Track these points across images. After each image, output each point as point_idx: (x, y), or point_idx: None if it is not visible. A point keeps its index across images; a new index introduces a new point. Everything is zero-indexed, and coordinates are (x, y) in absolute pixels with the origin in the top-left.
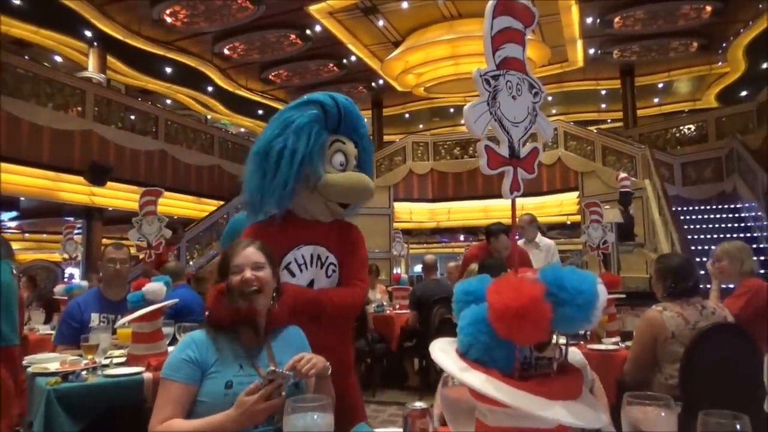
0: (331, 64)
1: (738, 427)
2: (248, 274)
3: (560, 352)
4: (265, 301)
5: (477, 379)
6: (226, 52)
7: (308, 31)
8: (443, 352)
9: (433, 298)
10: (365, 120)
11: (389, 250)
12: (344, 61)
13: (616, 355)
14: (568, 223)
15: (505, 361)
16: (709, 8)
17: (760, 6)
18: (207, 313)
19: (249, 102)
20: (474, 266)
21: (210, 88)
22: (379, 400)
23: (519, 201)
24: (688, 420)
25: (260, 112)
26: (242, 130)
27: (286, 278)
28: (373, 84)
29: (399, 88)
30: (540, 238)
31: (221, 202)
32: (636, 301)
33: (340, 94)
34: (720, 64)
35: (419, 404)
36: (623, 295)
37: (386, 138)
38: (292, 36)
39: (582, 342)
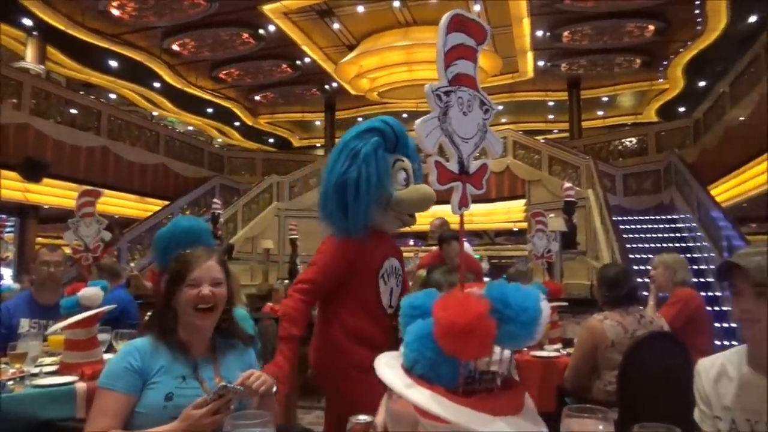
0: (285, 65)
1: None
2: (206, 290)
3: (505, 366)
4: (216, 317)
5: (421, 396)
6: (175, 48)
7: (262, 31)
8: (389, 367)
9: None
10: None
11: None
12: (298, 62)
13: (558, 361)
14: (515, 229)
15: (450, 376)
16: (651, 27)
17: (698, 28)
18: (152, 320)
19: (198, 100)
20: (422, 272)
21: (157, 85)
22: (324, 406)
23: (471, 208)
24: (625, 426)
25: (210, 110)
26: (190, 128)
27: (382, 286)
28: (327, 87)
29: (352, 92)
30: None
31: (166, 202)
32: (578, 308)
33: (389, 118)
34: (660, 80)
35: (363, 417)
36: (565, 303)
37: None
38: (245, 35)
39: (525, 349)
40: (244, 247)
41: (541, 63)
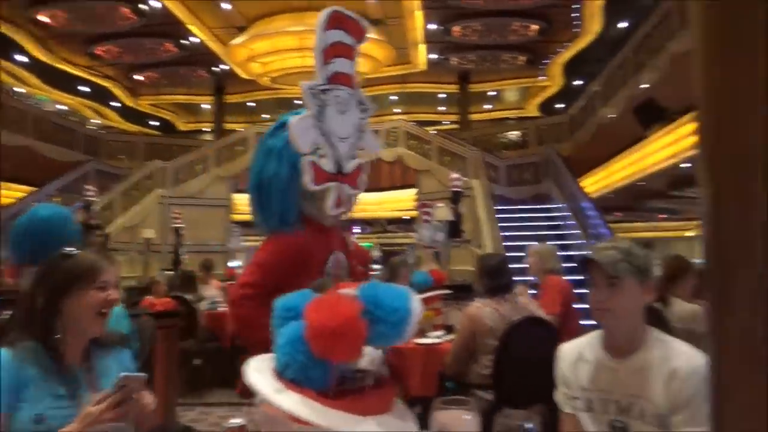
0: (169, 44)
1: (528, 426)
2: (115, 294)
3: (376, 365)
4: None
5: (290, 401)
6: (44, 19)
7: (143, 6)
8: (258, 372)
9: None
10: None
11: (225, 244)
12: (184, 42)
13: (440, 348)
14: (406, 218)
15: (321, 379)
16: (535, 27)
17: (576, 30)
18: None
19: (71, 77)
20: None
21: (22, 58)
22: (207, 401)
23: (360, 196)
24: (500, 406)
25: (85, 89)
26: (62, 107)
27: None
28: (216, 69)
29: (243, 76)
30: None
31: (33, 188)
32: (461, 294)
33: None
34: (542, 78)
35: (235, 421)
36: (449, 291)
37: (228, 126)
38: (125, 9)
39: None
40: (122, 236)
41: (433, 56)
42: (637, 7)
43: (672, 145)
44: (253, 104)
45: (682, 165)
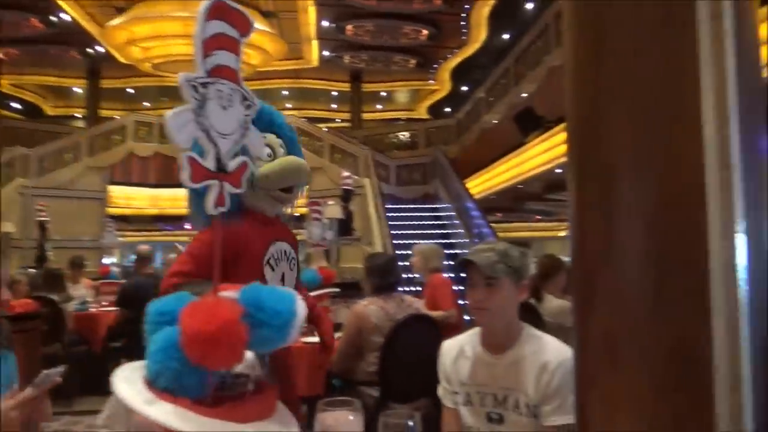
0: (35, 20)
1: (410, 423)
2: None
3: (257, 370)
4: None
5: (162, 412)
6: None
7: None
8: (127, 382)
9: (146, 294)
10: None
11: (99, 239)
12: (53, 18)
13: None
14: (297, 215)
15: (197, 387)
16: (425, 32)
17: (464, 38)
18: None
19: None
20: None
21: None
22: (77, 409)
23: None
24: (386, 402)
25: None
26: None
27: (268, 274)
28: (90, 50)
29: (122, 60)
30: None
31: None
32: (350, 292)
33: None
34: (431, 81)
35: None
36: (337, 290)
37: (104, 113)
38: None
39: None
40: None
41: (325, 53)
42: (519, 21)
43: (547, 151)
44: (133, 91)
45: (557, 170)
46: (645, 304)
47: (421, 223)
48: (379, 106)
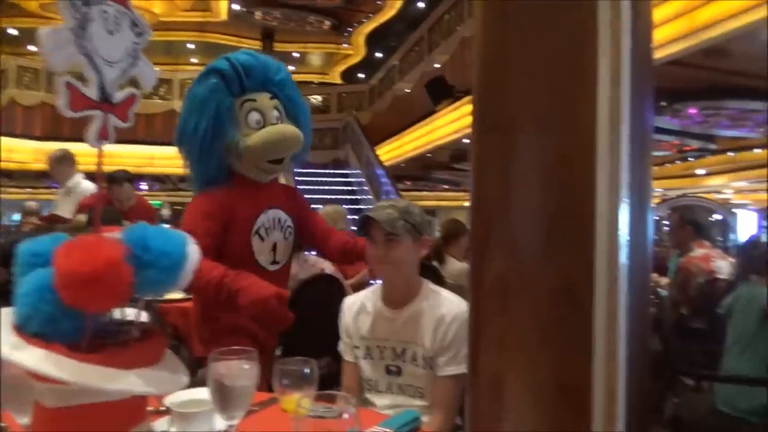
0: None
1: (306, 371)
2: None
3: (142, 316)
4: None
5: (32, 357)
6: None
7: None
8: None
9: None
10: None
11: None
12: None
13: None
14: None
15: (73, 332)
16: None
17: (379, 3)
18: None
19: None
20: (81, 217)
21: None
22: None
23: (150, 150)
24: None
25: None
26: None
27: (256, 244)
28: None
29: None
30: (77, 181)
31: None
32: None
33: (241, 51)
34: (345, 45)
35: None
36: None
37: None
38: None
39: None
40: None
41: (235, 6)
42: None
43: (456, 121)
44: (16, 32)
45: (464, 140)
46: (536, 250)
47: (330, 188)
48: (291, 68)
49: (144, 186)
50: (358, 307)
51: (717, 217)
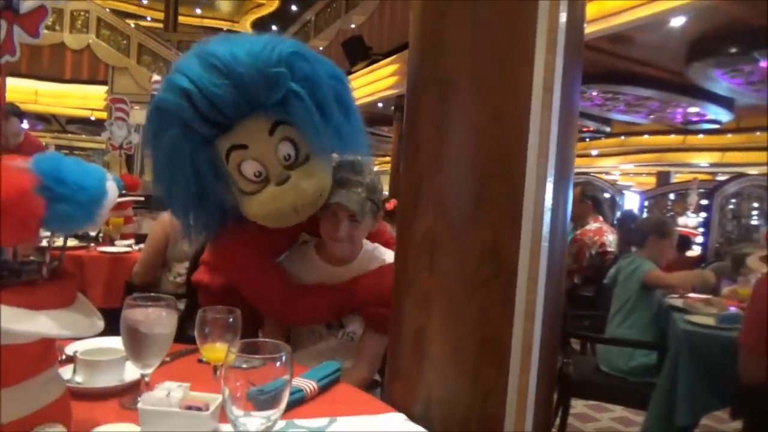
0: None
1: (230, 320)
2: None
3: (50, 256)
4: None
5: None
6: None
7: None
8: None
9: None
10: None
11: None
12: None
13: (128, 257)
14: (92, 119)
15: None
16: None
17: None
18: None
19: None
20: None
21: None
22: None
23: (34, 86)
24: (192, 315)
25: None
26: None
27: None
28: None
29: None
30: None
31: None
32: (156, 204)
33: (201, 59)
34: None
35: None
36: (142, 198)
37: None
38: None
39: (92, 244)
40: None
41: None
42: None
43: (371, 84)
44: None
45: (379, 104)
46: (466, 209)
47: None
48: (198, 11)
49: (26, 125)
50: (299, 266)
51: (607, 195)
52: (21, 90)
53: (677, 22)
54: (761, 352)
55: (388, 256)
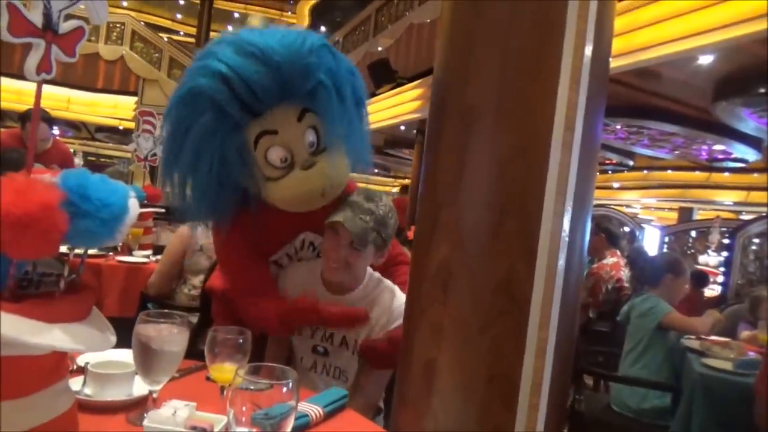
0: None
1: (240, 341)
2: None
3: (69, 269)
4: None
5: None
6: None
7: None
8: None
9: None
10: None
11: None
12: None
13: (145, 267)
14: (121, 128)
15: None
16: None
17: None
18: None
19: None
20: None
21: None
22: None
23: (66, 93)
24: (202, 329)
25: None
26: None
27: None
28: None
29: None
30: None
31: None
32: (177, 216)
33: (246, 37)
34: (290, 13)
35: None
36: (162, 210)
37: None
38: None
39: (111, 253)
40: None
41: None
42: None
43: (395, 107)
44: None
45: (401, 127)
46: (482, 241)
47: None
48: (230, 27)
49: (56, 132)
50: (302, 281)
51: (626, 229)
52: (54, 97)
53: (705, 59)
54: None
55: (393, 293)
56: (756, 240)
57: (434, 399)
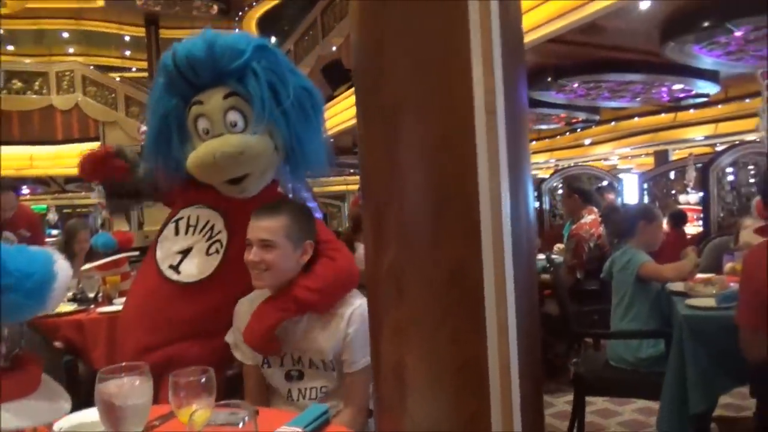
0: None
1: (203, 380)
2: None
3: (11, 344)
4: None
5: None
6: None
7: None
8: None
9: None
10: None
11: None
12: None
13: None
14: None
15: None
16: None
17: None
18: None
19: None
20: None
21: None
22: None
23: (28, 151)
24: None
25: None
26: None
27: (169, 232)
28: None
29: None
30: None
31: None
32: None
33: (199, 35)
34: (237, 30)
35: None
36: (137, 253)
37: None
38: None
39: (92, 306)
40: None
41: None
42: None
43: (354, 106)
44: None
45: None
46: (425, 236)
47: None
48: None
49: (26, 191)
50: (249, 308)
51: (605, 183)
52: (16, 157)
53: (644, 5)
54: (759, 328)
55: (345, 301)
56: (729, 170)
57: (408, 399)
